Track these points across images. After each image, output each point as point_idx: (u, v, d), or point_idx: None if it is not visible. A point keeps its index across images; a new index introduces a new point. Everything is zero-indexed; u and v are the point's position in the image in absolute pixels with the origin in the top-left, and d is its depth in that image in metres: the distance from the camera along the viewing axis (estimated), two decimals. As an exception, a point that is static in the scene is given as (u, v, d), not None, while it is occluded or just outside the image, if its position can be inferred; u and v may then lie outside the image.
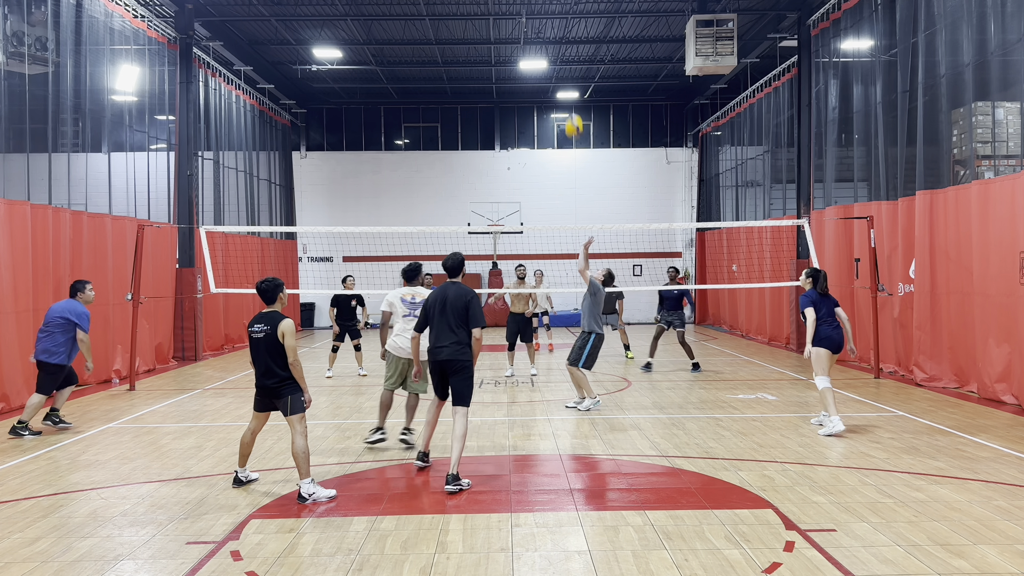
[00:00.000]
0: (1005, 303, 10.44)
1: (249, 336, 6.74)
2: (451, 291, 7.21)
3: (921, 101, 12.73)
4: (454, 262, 7.35)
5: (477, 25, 20.32)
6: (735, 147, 23.31)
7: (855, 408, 10.51)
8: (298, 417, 6.65)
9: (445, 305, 7.15)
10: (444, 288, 7.27)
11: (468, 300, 7.15)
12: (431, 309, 7.24)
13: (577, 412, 10.37)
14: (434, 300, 7.26)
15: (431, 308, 7.24)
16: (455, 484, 6.73)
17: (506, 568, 5.06)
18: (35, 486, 7.11)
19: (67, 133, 14.08)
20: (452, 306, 7.12)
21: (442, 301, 7.18)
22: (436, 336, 7.16)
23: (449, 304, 7.13)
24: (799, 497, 6.46)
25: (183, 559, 5.28)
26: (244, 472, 7.06)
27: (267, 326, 6.64)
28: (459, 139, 27.57)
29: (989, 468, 7.31)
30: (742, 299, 21.56)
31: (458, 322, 7.09)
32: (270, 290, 6.82)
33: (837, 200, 16.39)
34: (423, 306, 7.35)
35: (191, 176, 17.37)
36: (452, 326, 7.09)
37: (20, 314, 11.12)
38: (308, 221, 26.49)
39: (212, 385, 13.29)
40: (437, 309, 7.18)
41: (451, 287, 7.24)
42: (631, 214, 26.55)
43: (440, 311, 7.15)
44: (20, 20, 12.09)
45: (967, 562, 5.05)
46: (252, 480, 7.10)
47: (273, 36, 20.78)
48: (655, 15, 19.53)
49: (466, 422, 7.05)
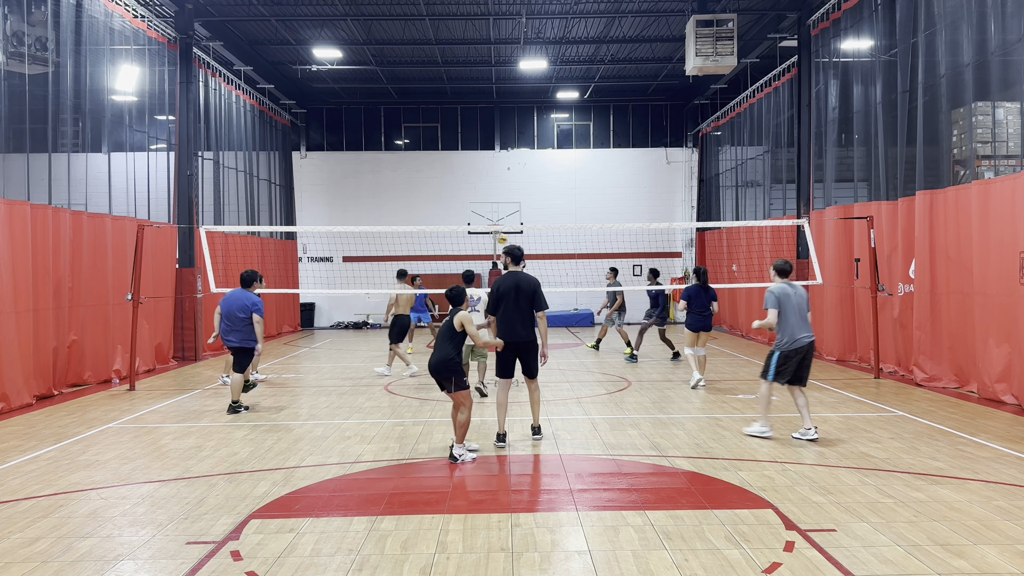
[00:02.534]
0: (1005, 303, 10.44)
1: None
2: (521, 279, 8.36)
3: (921, 101, 12.73)
4: (521, 251, 8.63)
5: (477, 25, 20.32)
6: (735, 147, 23.32)
7: (855, 408, 10.51)
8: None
9: (518, 292, 8.28)
10: (513, 276, 8.40)
11: (536, 287, 8.36)
12: (505, 296, 8.27)
13: (577, 412, 10.38)
14: (507, 288, 8.30)
15: (505, 295, 8.28)
16: (539, 434, 8.68)
17: (506, 568, 5.06)
18: (35, 486, 7.11)
19: (67, 133, 14.07)
20: (524, 293, 8.29)
21: (515, 288, 8.29)
22: (511, 319, 8.26)
23: (522, 291, 8.28)
24: (799, 497, 6.46)
25: (183, 559, 5.28)
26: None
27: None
28: (459, 139, 27.57)
29: (989, 468, 7.31)
30: (742, 299, 21.56)
31: (528, 306, 8.31)
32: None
33: (837, 200, 16.38)
34: (495, 292, 8.37)
35: (191, 176, 17.37)
36: (523, 310, 8.29)
37: (20, 314, 11.12)
38: (308, 221, 26.49)
39: (212, 385, 13.29)
40: (512, 296, 8.26)
41: (519, 276, 8.40)
42: (631, 214, 26.55)
43: (514, 297, 8.26)
44: (20, 20, 12.09)
45: (967, 562, 5.05)
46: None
47: (273, 36, 20.78)
48: (655, 15, 19.53)
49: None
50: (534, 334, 8.36)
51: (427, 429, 9.41)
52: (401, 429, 9.39)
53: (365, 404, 11.23)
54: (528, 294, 8.29)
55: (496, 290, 8.40)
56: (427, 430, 9.35)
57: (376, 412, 10.60)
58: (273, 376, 14.32)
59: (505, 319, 8.29)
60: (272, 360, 16.87)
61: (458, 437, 7.81)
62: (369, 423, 9.81)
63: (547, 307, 8.39)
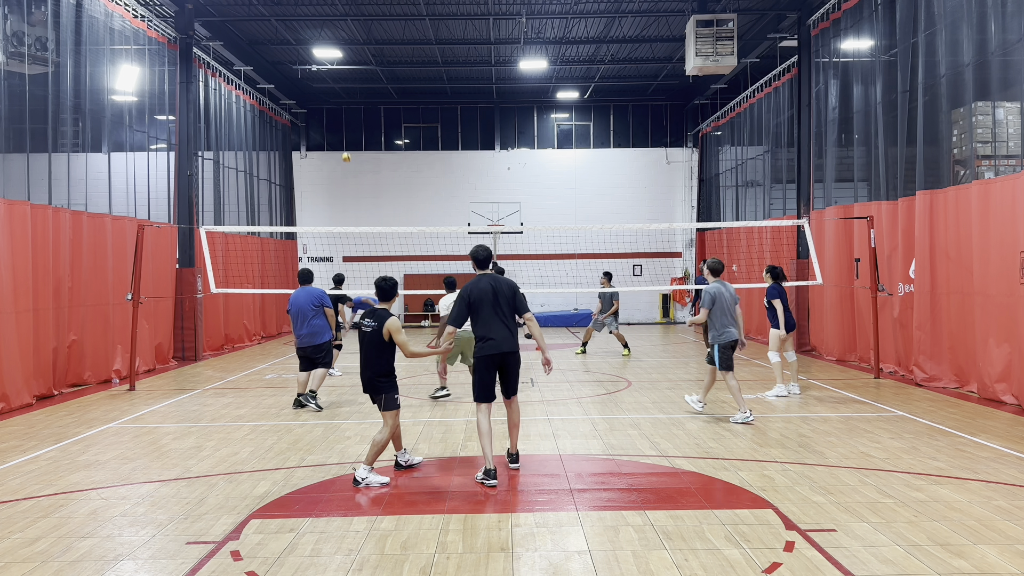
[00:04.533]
0: (1005, 303, 10.44)
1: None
2: (497, 282, 7.21)
3: (921, 101, 12.73)
4: (487, 252, 7.37)
5: (477, 25, 20.32)
6: (735, 147, 23.31)
7: (855, 408, 10.51)
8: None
9: (496, 296, 7.12)
10: (486, 279, 7.20)
11: (515, 288, 7.27)
12: (479, 303, 7.10)
13: (577, 412, 10.38)
14: (480, 293, 7.11)
15: (478, 302, 7.10)
16: (518, 462, 7.50)
17: (506, 568, 5.06)
18: (35, 486, 7.11)
19: (67, 133, 14.07)
20: (503, 296, 7.15)
21: (491, 293, 7.12)
22: (491, 328, 7.11)
23: (500, 295, 7.14)
24: (799, 497, 6.46)
25: (183, 559, 5.28)
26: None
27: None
28: (459, 139, 27.56)
29: (989, 468, 7.31)
30: (742, 299, 21.53)
31: (510, 311, 7.19)
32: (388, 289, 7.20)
33: (837, 200, 16.38)
34: (463, 300, 7.18)
35: (191, 176, 17.36)
36: (506, 316, 7.16)
37: (20, 314, 11.12)
38: (308, 221, 26.49)
39: (212, 385, 13.29)
40: (488, 302, 7.09)
41: (493, 278, 7.24)
42: (631, 214, 26.55)
43: (492, 303, 7.10)
44: (20, 20, 12.09)
45: (967, 562, 5.05)
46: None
47: (273, 36, 20.78)
48: (655, 15, 19.52)
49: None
50: (518, 345, 7.25)
51: (427, 429, 9.41)
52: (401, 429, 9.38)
53: (365, 404, 11.22)
54: (508, 297, 7.14)
55: (467, 298, 7.14)
56: (427, 430, 9.35)
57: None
58: (273, 376, 14.31)
59: (484, 330, 7.11)
60: (272, 360, 16.86)
61: (368, 456, 7.00)
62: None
63: (529, 308, 7.28)
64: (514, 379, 7.33)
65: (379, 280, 7.21)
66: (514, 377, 7.32)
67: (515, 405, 7.44)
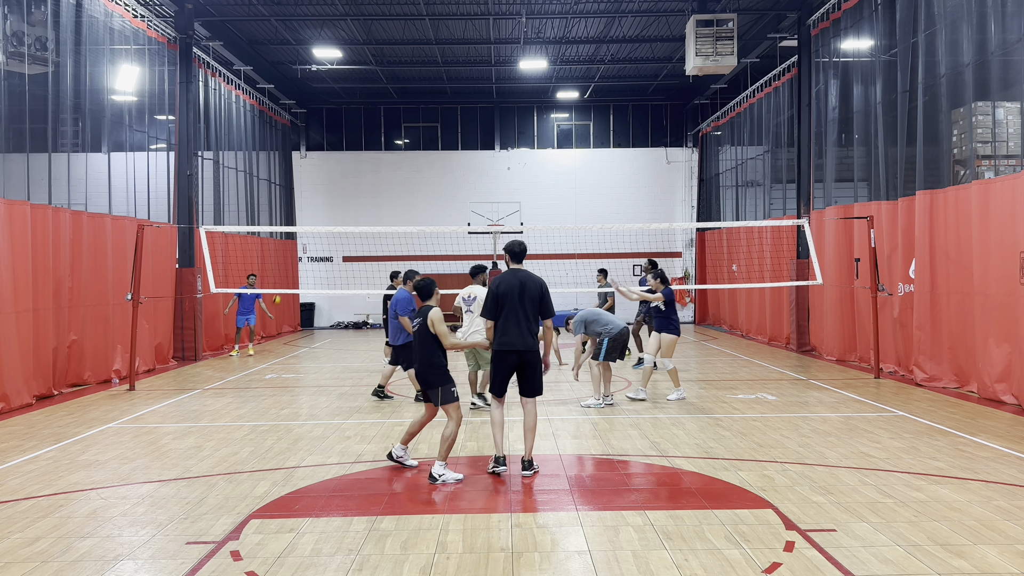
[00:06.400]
0: (1005, 303, 10.44)
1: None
2: (527, 279, 7.18)
3: (921, 101, 12.73)
4: (523, 247, 7.34)
5: (477, 25, 20.32)
6: (735, 147, 23.31)
7: (855, 408, 10.51)
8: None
9: (523, 294, 7.11)
10: (515, 275, 7.20)
11: (544, 289, 7.21)
12: (506, 297, 7.10)
13: (577, 412, 10.38)
14: (508, 288, 7.12)
15: (503, 296, 7.10)
16: (531, 469, 7.25)
17: (506, 568, 5.06)
18: (35, 486, 7.11)
19: (67, 133, 14.07)
20: (530, 295, 7.13)
21: (519, 289, 7.11)
22: (511, 325, 7.09)
23: (527, 293, 7.12)
24: (799, 497, 6.46)
25: (183, 559, 5.28)
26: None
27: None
28: (459, 139, 27.56)
29: (989, 468, 7.31)
30: (742, 299, 21.56)
31: (533, 311, 7.15)
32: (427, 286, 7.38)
33: (837, 200, 16.38)
34: (491, 293, 7.19)
35: (191, 176, 17.36)
36: (529, 315, 7.13)
37: (20, 314, 11.12)
38: (308, 221, 26.48)
39: (212, 385, 13.29)
40: (515, 298, 7.09)
41: (524, 275, 7.21)
42: (631, 214, 26.54)
43: (518, 300, 7.09)
44: (20, 20, 12.09)
45: (967, 562, 5.04)
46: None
47: (273, 36, 20.78)
48: (655, 15, 19.52)
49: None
50: (538, 344, 7.22)
51: (427, 430, 9.39)
52: (401, 429, 9.37)
53: (365, 404, 11.22)
54: (535, 297, 7.12)
55: (495, 290, 7.16)
56: (427, 430, 9.33)
57: (376, 412, 10.60)
58: (273, 376, 14.31)
59: (504, 325, 7.10)
60: (272, 360, 16.86)
61: (441, 453, 7.13)
62: (369, 423, 9.81)
63: (554, 314, 7.25)
64: (530, 379, 7.25)
65: (416, 283, 7.50)
66: (529, 378, 7.24)
67: (530, 407, 7.30)
